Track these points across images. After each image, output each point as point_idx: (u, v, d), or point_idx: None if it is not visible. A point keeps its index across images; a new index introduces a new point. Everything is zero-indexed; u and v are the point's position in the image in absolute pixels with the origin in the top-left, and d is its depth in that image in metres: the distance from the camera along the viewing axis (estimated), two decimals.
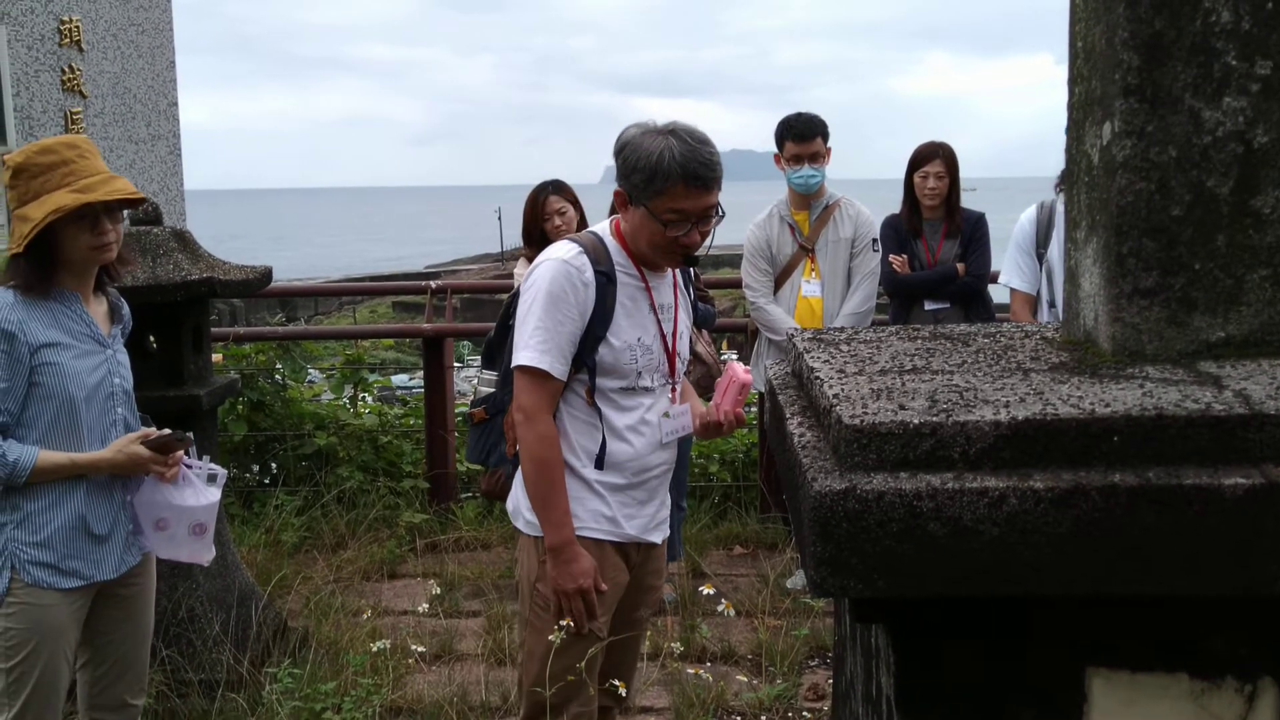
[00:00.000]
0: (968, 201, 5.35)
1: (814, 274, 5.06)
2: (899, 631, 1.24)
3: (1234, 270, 1.39)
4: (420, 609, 4.42)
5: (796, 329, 2.50)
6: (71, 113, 11.33)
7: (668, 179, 2.39)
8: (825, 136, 4.98)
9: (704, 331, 4.98)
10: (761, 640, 4.37)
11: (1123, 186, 1.38)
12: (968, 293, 5.16)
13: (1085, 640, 1.24)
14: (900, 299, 5.27)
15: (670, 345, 2.63)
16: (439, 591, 4.58)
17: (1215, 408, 1.16)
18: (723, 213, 2.53)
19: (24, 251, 2.49)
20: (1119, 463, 1.15)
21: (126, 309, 2.85)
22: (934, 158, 5.13)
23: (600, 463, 2.56)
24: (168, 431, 2.72)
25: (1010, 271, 4.42)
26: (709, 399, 2.96)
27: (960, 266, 5.11)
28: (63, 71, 11.24)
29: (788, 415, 1.43)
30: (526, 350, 2.48)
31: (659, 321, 2.60)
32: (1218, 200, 1.38)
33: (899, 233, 5.22)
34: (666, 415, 2.61)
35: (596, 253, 2.52)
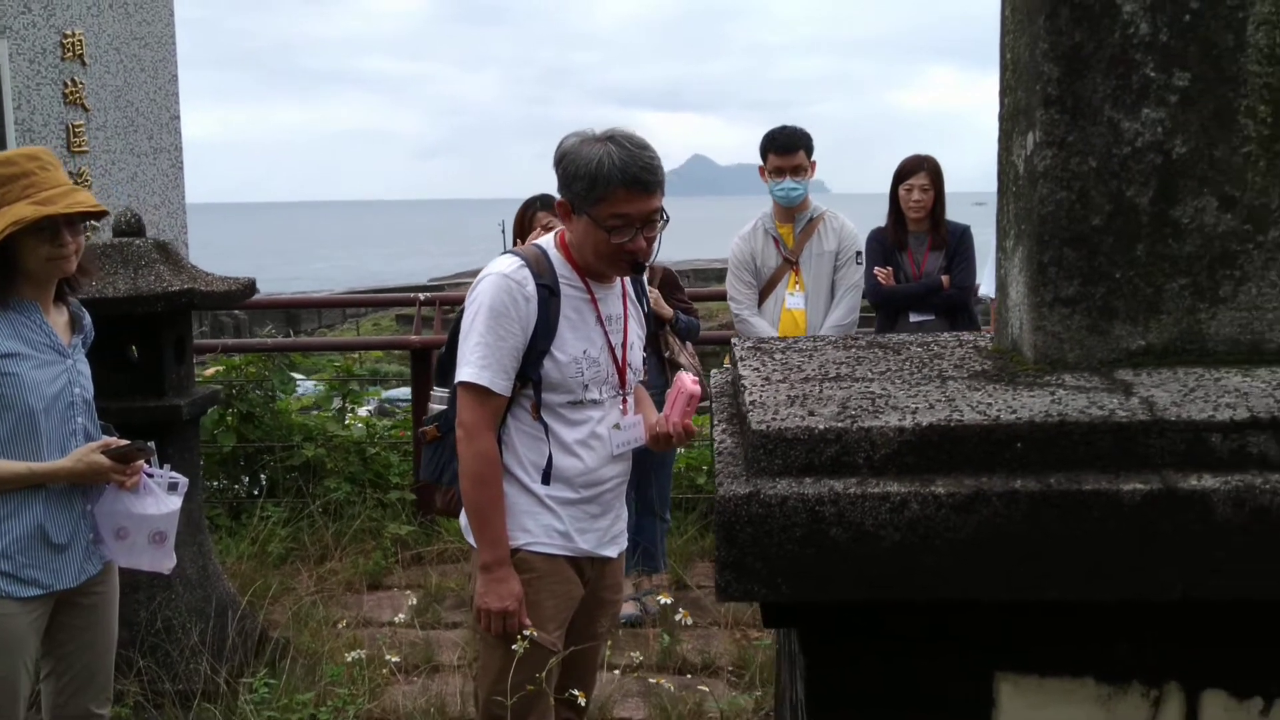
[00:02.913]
0: (976, 216, 5.36)
1: (798, 286, 5.08)
2: (809, 636, 1.25)
3: (1154, 279, 1.40)
4: (399, 618, 4.42)
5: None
6: (73, 125, 11.38)
7: (608, 184, 2.39)
8: (809, 150, 5.00)
9: (687, 344, 4.99)
10: (742, 652, 4.36)
11: (1044, 196, 1.40)
12: (952, 305, 5.17)
13: (994, 645, 1.25)
14: (885, 311, 5.28)
15: (620, 357, 2.63)
16: (414, 602, 4.58)
17: (1118, 414, 1.17)
18: (666, 217, 2.53)
19: None
20: (1022, 469, 1.15)
21: (88, 319, 2.86)
22: (918, 171, 5.15)
23: (546, 477, 2.56)
24: (128, 441, 2.73)
25: (988, 281, 4.44)
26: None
27: (945, 279, 5.11)
28: (65, 85, 11.29)
29: (716, 422, 1.44)
30: (468, 366, 2.48)
31: (606, 333, 2.59)
32: (1137, 210, 1.39)
33: (884, 245, 5.23)
34: (617, 427, 2.61)
35: (539, 266, 2.52)
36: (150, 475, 2.76)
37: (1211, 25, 1.36)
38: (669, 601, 3.16)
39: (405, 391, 9.30)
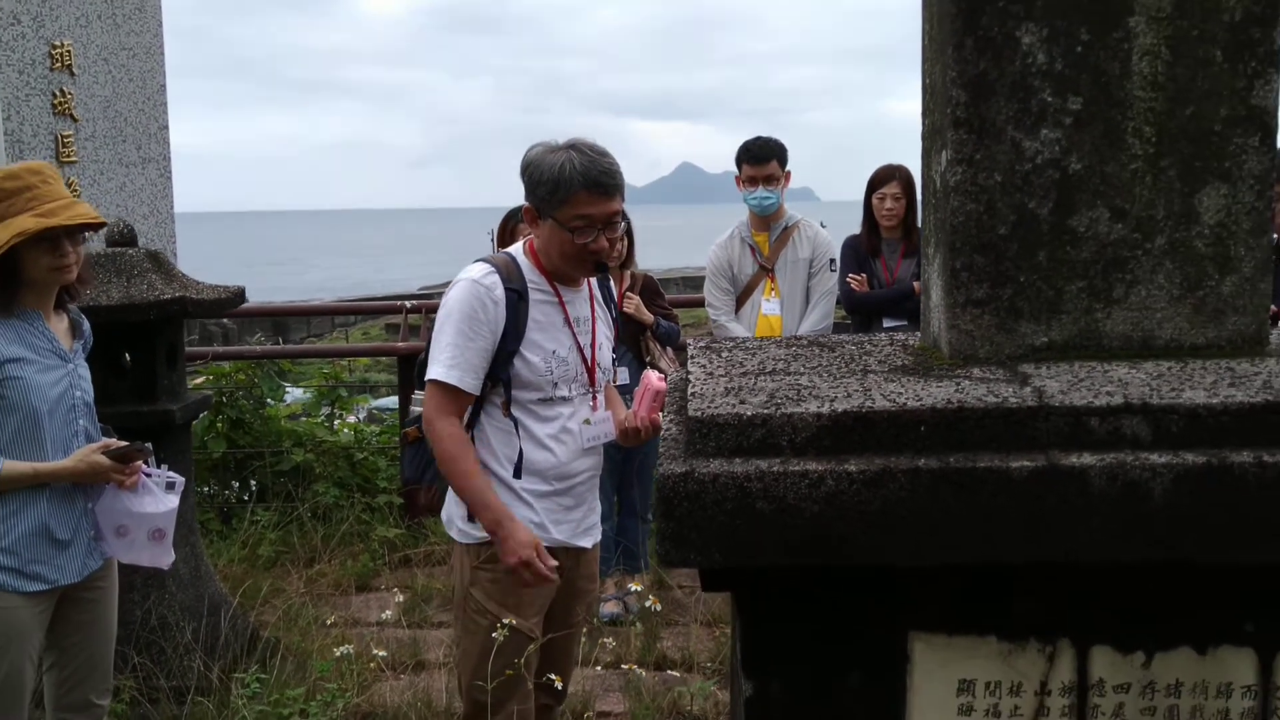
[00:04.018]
0: None
1: (774, 293, 5.22)
2: (743, 600, 1.40)
3: (1055, 282, 1.56)
4: (384, 615, 4.55)
5: None
6: (62, 136, 11.44)
7: (570, 187, 2.56)
8: (782, 161, 5.14)
9: (668, 349, 5.13)
10: (720, 648, 4.50)
11: (955, 208, 1.56)
12: None
13: (907, 606, 1.40)
14: (859, 317, 5.43)
15: (589, 356, 2.78)
16: (400, 599, 4.71)
17: (1010, 401, 1.33)
18: (627, 220, 2.69)
19: None
20: (925, 449, 1.31)
21: (87, 325, 3.00)
22: (891, 180, 5.30)
23: (518, 470, 2.69)
24: (127, 443, 2.87)
25: None
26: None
27: (917, 285, 5.26)
28: (54, 95, 11.36)
29: (665, 414, 1.60)
30: (437, 366, 2.61)
31: (575, 334, 2.74)
32: (1038, 220, 1.55)
33: (858, 253, 5.38)
34: (587, 422, 2.76)
35: (508, 271, 2.67)
36: (148, 475, 2.89)
37: (1101, 55, 1.52)
38: (640, 588, 3.28)
39: (394, 401, 9.45)
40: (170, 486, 2.93)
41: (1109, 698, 1.41)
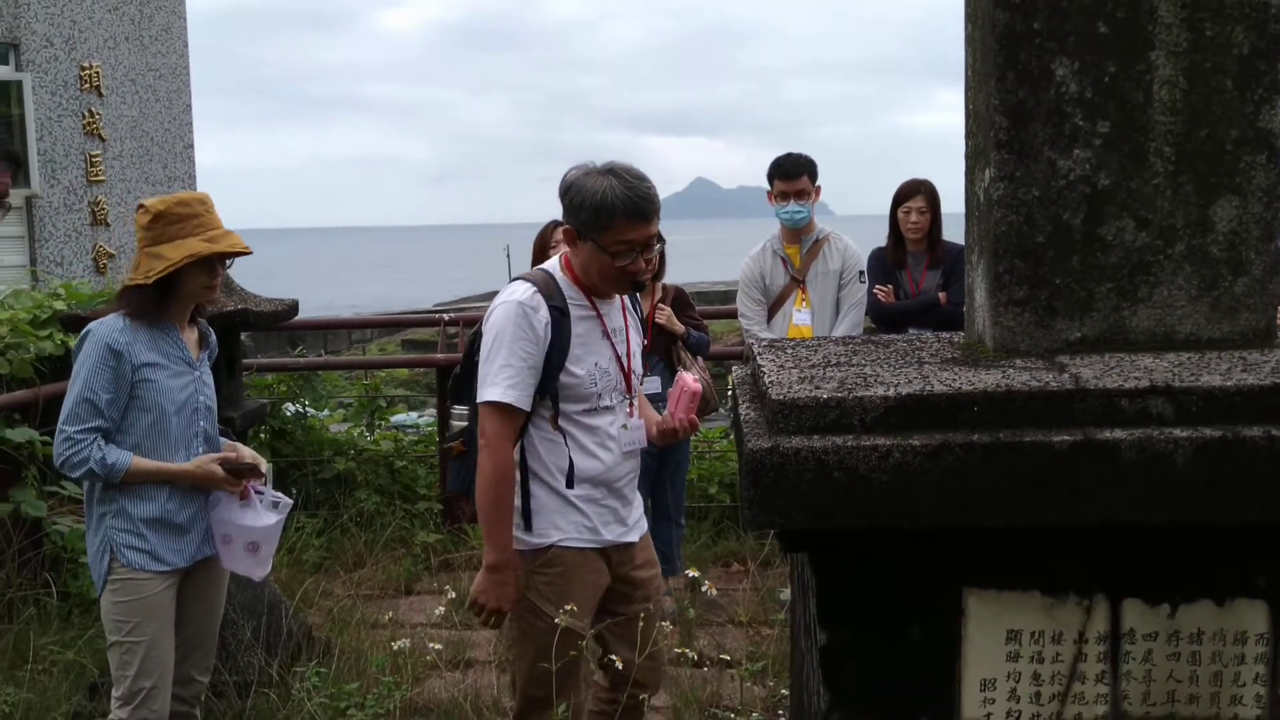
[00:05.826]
0: None
1: (805, 304, 5.42)
2: (819, 560, 1.61)
3: (1086, 284, 1.77)
4: (438, 612, 4.75)
5: None
6: (91, 155, 11.72)
7: (612, 214, 2.68)
8: (812, 175, 5.34)
9: (698, 358, 5.32)
10: (755, 647, 4.68)
11: (998, 219, 1.77)
12: (949, 320, 5.50)
13: (962, 565, 1.61)
14: (886, 327, 5.62)
15: (625, 365, 2.91)
16: (453, 595, 4.91)
17: (1051, 385, 1.54)
18: (663, 239, 2.85)
19: (153, 285, 2.94)
20: (978, 426, 1.52)
21: (213, 337, 3.30)
22: (916, 194, 5.49)
23: (570, 481, 2.81)
24: (250, 457, 3.17)
25: None
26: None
27: (942, 296, 5.44)
28: (84, 116, 11.65)
29: (740, 401, 1.81)
30: (493, 388, 2.70)
31: (613, 345, 2.87)
32: (1072, 230, 1.77)
33: (884, 264, 5.57)
34: (625, 428, 2.89)
35: (549, 289, 2.79)
36: (259, 493, 3.15)
37: (1125, 85, 1.74)
38: (696, 575, 3.45)
39: (412, 416, 9.69)
40: (274, 505, 3.18)
41: (1139, 645, 1.62)
